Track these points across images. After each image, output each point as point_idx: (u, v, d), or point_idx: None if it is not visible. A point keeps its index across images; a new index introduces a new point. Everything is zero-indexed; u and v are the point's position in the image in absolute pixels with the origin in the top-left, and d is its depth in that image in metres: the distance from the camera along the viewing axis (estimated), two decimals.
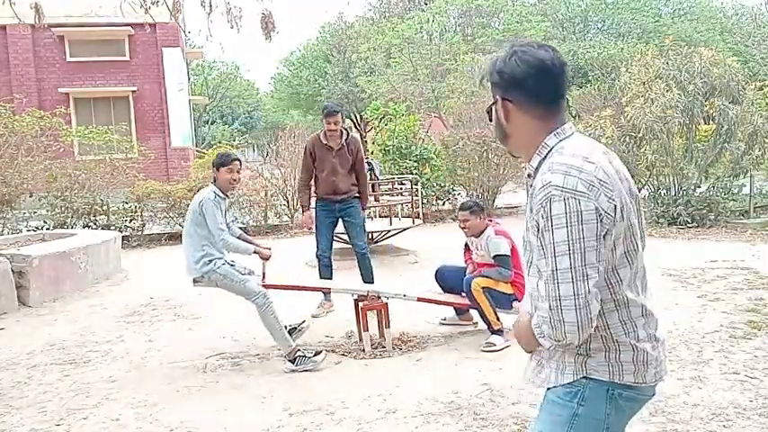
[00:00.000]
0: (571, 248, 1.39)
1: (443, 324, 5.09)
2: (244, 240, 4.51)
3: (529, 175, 1.57)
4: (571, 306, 1.40)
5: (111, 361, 4.59)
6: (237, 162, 4.41)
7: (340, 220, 5.68)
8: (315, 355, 4.25)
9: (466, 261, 4.98)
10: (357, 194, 5.68)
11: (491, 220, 4.87)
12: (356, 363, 4.32)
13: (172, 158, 19.84)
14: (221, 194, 4.36)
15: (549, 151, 1.53)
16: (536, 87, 1.52)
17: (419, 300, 4.78)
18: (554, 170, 1.45)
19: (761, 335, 4.46)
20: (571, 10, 27.61)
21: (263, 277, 4.56)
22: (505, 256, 4.57)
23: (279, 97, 36.37)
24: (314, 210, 5.64)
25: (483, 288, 4.49)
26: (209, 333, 5.20)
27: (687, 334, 4.54)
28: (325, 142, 5.44)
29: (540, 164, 1.53)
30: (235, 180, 4.40)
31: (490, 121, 1.65)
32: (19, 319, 5.89)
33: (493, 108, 1.61)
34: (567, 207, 1.39)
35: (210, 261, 4.26)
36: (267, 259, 4.53)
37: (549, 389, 1.59)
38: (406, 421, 3.33)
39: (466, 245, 5.02)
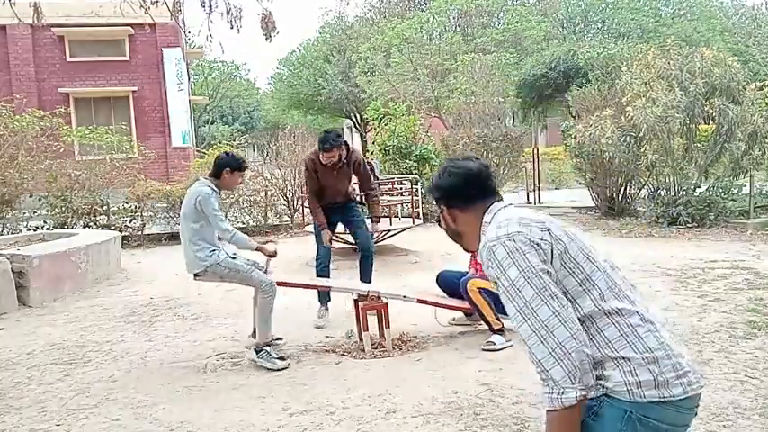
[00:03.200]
0: (526, 277, 1.50)
1: (452, 324, 5.07)
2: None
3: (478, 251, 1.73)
4: (556, 324, 1.45)
5: (111, 361, 4.59)
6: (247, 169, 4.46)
7: (340, 222, 5.63)
8: (280, 358, 4.26)
9: (470, 267, 4.96)
10: (356, 197, 5.68)
11: None
12: (356, 363, 4.32)
13: (172, 158, 19.83)
14: (216, 190, 4.35)
15: (488, 225, 1.73)
16: (467, 192, 1.78)
17: (419, 301, 4.78)
18: (485, 231, 1.70)
19: (761, 335, 4.46)
20: (571, 10, 27.63)
21: (266, 273, 4.55)
22: None
23: (279, 97, 36.35)
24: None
25: (479, 288, 4.49)
26: (209, 333, 5.20)
27: (687, 334, 4.54)
28: (324, 163, 5.28)
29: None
30: (239, 184, 4.43)
31: (440, 226, 1.90)
32: (19, 319, 5.89)
33: (441, 217, 1.87)
34: (506, 248, 1.55)
35: (212, 253, 4.25)
36: (272, 256, 4.52)
37: None
38: (406, 421, 3.33)
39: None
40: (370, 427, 3.30)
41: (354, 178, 5.70)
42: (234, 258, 4.37)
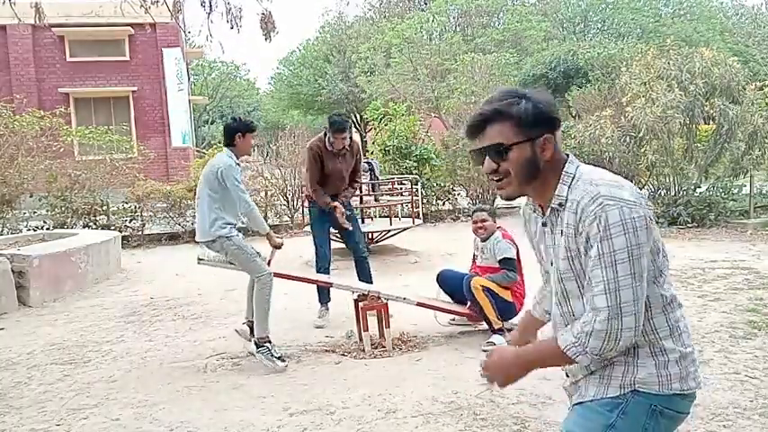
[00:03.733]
0: (630, 255, 1.42)
1: (452, 324, 5.07)
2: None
3: (560, 205, 1.56)
4: (630, 311, 1.43)
5: (111, 361, 4.59)
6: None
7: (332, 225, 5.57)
8: (279, 359, 4.24)
9: (471, 270, 4.95)
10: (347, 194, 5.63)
11: (500, 227, 4.86)
12: (356, 363, 4.32)
13: (172, 158, 19.85)
14: (237, 161, 4.34)
15: (573, 176, 1.56)
16: (555, 118, 1.57)
17: (419, 305, 4.78)
18: (596, 183, 1.48)
19: (761, 335, 4.46)
20: (571, 10, 27.63)
21: (269, 264, 4.56)
22: (512, 259, 4.58)
23: (279, 97, 36.36)
24: (311, 215, 5.52)
25: (482, 287, 4.49)
26: (209, 333, 5.20)
27: None
28: (330, 149, 5.28)
29: (568, 192, 1.54)
30: (254, 147, 4.44)
31: (481, 163, 1.60)
32: (19, 319, 5.89)
33: (515, 149, 1.54)
34: (623, 215, 1.42)
35: (226, 226, 4.25)
36: (278, 247, 4.55)
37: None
38: (406, 421, 3.33)
39: (474, 256, 5.01)
40: (370, 427, 3.29)
41: None
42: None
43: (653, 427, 1.52)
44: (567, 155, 1.60)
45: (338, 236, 5.99)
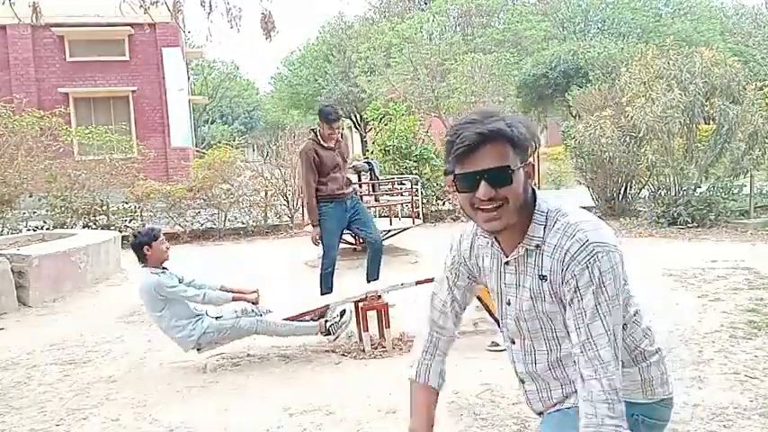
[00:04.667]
0: (619, 299, 1.39)
1: (492, 349, 5.01)
2: (223, 290, 4.36)
3: (537, 246, 1.47)
4: (618, 347, 1.42)
5: (111, 361, 4.58)
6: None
7: (348, 223, 5.50)
8: (340, 317, 4.36)
9: None
10: (355, 189, 5.66)
11: None
12: (356, 363, 4.32)
13: (172, 158, 19.85)
14: (158, 270, 4.16)
15: (546, 215, 1.47)
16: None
17: (418, 283, 4.72)
18: (583, 229, 1.41)
19: (761, 335, 4.46)
20: (571, 9, 27.62)
21: (262, 316, 4.43)
22: None
23: (279, 97, 36.38)
24: (322, 214, 5.29)
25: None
26: None
27: (687, 334, 4.54)
28: (324, 145, 5.23)
29: (545, 234, 1.46)
30: (168, 249, 4.26)
31: (456, 191, 1.45)
32: (19, 319, 5.89)
33: (517, 173, 1.41)
34: (612, 260, 1.38)
35: (195, 325, 4.11)
36: (255, 303, 4.40)
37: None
38: (406, 421, 3.32)
39: None
40: (370, 427, 3.29)
41: None
42: (219, 318, 4.24)
43: None
44: (534, 190, 1.49)
45: (345, 238, 5.89)
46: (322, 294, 5.29)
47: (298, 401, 3.65)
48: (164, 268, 4.22)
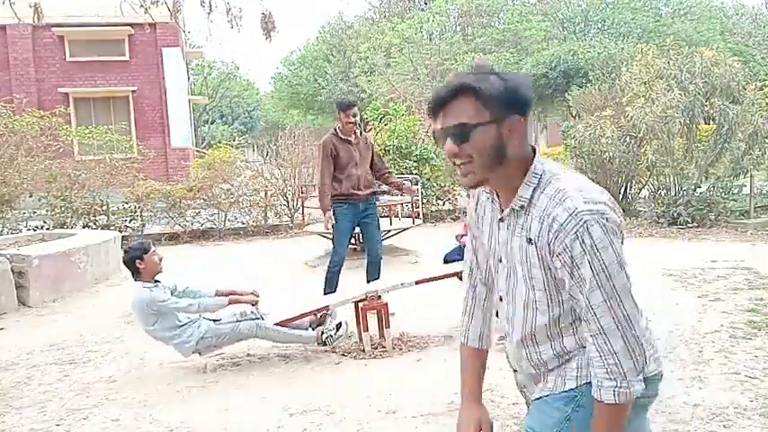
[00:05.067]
0: (620, 264, 1.37)
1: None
2: (219, 294, 4.33)
3: (522, 207, 1.46)
4: (636, 316, 1.39)
5: (111, 361, 4.58)
6: (156, 253, 4.26)
7: (358, 221, 5.47)
8: (336, 330, 4.34)
9: (459, 238, 4.99)
10: (377, 190, 5.64)
11: None
12: (356, 363, 4.32)
13: (172, 158, 19.84)
14: (150, 284, 4.14)
15: (539, 178, 1.44)
16: (528, 105, 1.44)
17: (418, 282, 4.72)
18: (571, 196, 1.38)
19: (761, 335, 4.46)
20: (571, 9, 27.62)
21: (262, 319, 4.41)
22: None
23: (279, 97, 36.37)
24: (335, 213, 5.29)
25: None
26: None
27: (687, 334, 4.54)
28: (343, 137, 5.22)
29: (532, 194, 1.44)
30: (161, 260, 4.23)
31: (446, 142, 1.42)
32: (19, 319, 5.89)
33: (477, 130, 1.39)
34: (604, 228, 1.35)
35: (192, 331, 4.11)
36: (254, 304, 4.39)
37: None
38: (406, 421, 3.33)
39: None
40: (370, 427, 3.29)
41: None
42: (218, 321, 4.24)
43: None
44: (534, 150, 1.48)
45: (356, 237, 5.85)
46: (325, 294, 5.28)
47: (298, 401, 3.65)
48: (156, 281, 4.19)
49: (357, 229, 5.65)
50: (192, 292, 4.30)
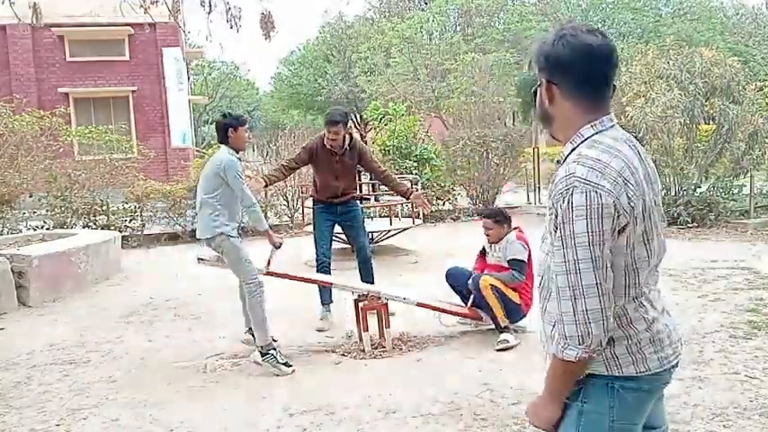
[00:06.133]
0: (590, 241, 1.40)
1: (461, 322, 5.05)
2: None
3: (557, 162, 1.57)
4: (594, 293, 1.42)
5: (111, 361, 4.58)
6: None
7: (338, 224, 5.52)
8: (285, 364, 4.15)
9: (475, 269, 4.92)
10: (356, 195, 5.56)
11: (517, 228, 4.81)
12: (356, 363, 4.32)
13: (172, 158, 19.82)
14: (236, 155, 4.36)
15: (582, 141, 1.52)
16: (580, 74, 1.50)
17: (419, 305, 4.77)
18: (580, 162, 1.44)
19: (761, 335, 4.46)
20: (571, 10, 27.61)
21: (268, 264, 4.55)
22: (521, 261, 4.55)
23: (279, 97, 36.35)
24: (314, 213, 5.45)
25: (491, 285, 4.48)
26: (209, 333, 5.19)
27: (687, 334, 4.54)
28: (328, 147, 5.19)
29: (570, 153, 1.52)
30: (250, 141, 4.46)
31: (534, 103, 1.64)
32: (19, 319, 5.89)
33: (538, 90, 1.59)
34: (589, 200, 1.40)
35: (229, 223, 4.26)
36: (278, 247, 4.53)
37: None
38: (406, 421, 3.33)
39: (482, 251, 4.98)
40: (370, 427, 3.29)
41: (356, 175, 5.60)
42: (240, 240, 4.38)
43: (619, 404, 1.51)
44: (599, 120, 1.52)
45: (343, 237, 5.92)
46: (321, 293, 5.28)
47: (298, 401, 3.65)
48: (239, 157, 4.38)
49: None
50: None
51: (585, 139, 1.51)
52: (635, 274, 1.50)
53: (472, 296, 4.69)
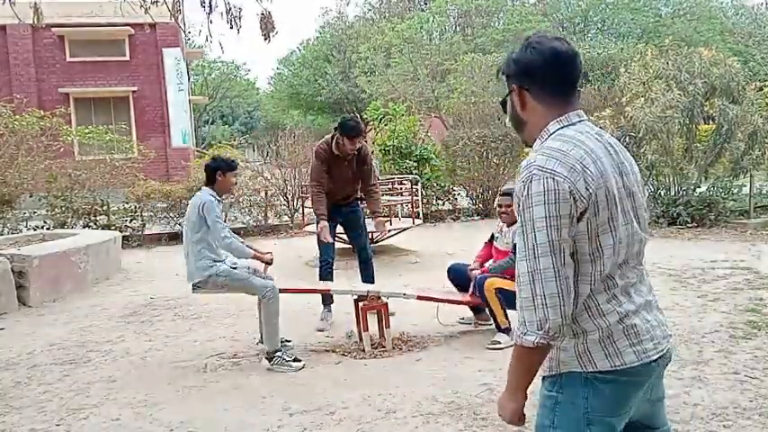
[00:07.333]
0: (548, 225, 1.44)
1: (461, 323, 5.06)
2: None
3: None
4: (551, 277, 1.44)
5: (111, 361, 4.59)
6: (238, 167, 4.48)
7: (340, 224, 5.54)
8: (293, 360, 4.23)
9: (480, 256, 4.94)
10: (358, 197, 5.55)
11: None
12: (356, 363, 4.32)
13: (172, 158, 19.81)
14: (218, 198, 4.38)
15: (548, 136, 1.57)
16: (549, 76, 1.58)
17: (419, 298, 4.77)
18: (540, 152, 1.51)
19: (761, 335, 4.46)
20: (571, 10, 27.63)
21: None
22: None
23: (279, 97, 36.36)
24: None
25: (496, 289, 4.48)
26: (209, 333, 5.20)
27: (687, 334, 4.54)
28: (337, 153, 5.15)
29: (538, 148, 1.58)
30: (234, 185, 4.46)
31: (504, 112, 1.70)
32: (19, 319, 5.89)
33: (508, 98, 1.66)
34: (546, 186, 1.45)
35: (214, 263, 4.26)
36: (269, 263, 4.53)
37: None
38: (406, 421, 3.33)
39: (490, 238, 4.98)
40: (370, 427, 3.30)
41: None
42: (234, 268, 4.36)
43: (593, 395, 1.52)
44: (566, 115, 1.58)
45: (344, 237, 5.90)
46: (323, 295, 5.28)
47: (298, 401, 3.65)
48: (220, 200, 4.42)
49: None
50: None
51: (551, 134, 1.57)
52: (600, 261, 1.51)
53: (473, 283, 4.68)
